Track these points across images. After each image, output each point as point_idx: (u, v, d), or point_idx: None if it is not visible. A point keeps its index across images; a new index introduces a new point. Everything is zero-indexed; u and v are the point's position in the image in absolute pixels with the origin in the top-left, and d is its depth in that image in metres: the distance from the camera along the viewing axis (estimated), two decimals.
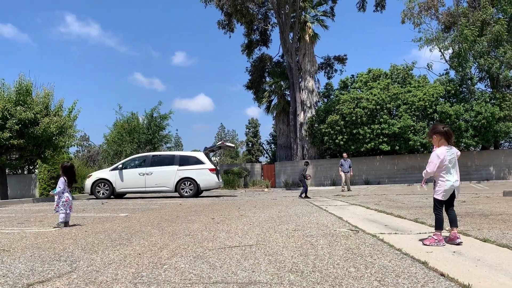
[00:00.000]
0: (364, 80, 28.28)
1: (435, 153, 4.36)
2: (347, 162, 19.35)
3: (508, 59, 24.24)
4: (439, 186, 4.35)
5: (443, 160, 4.28)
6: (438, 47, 27.41)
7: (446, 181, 4.29)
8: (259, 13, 33.32)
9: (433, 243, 4.17)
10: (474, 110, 24.05)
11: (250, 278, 3.00)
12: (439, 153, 4.32)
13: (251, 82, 34.92)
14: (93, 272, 3.36)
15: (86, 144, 48.96)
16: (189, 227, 6.16)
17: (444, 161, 4.28)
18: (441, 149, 4.35)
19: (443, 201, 4.34)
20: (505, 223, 5.66)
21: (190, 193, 15.72)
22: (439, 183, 4.34)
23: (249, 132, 54.55)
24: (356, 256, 3.69)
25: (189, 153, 17.49)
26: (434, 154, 4.36)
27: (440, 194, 4.31)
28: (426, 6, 28.78)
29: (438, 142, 4.41)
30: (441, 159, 4.27)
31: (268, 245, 4.40)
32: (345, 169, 19.23)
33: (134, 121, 27.04)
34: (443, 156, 4.28)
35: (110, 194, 16.06)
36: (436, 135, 4.41)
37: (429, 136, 4.55)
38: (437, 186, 4.38)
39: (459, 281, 2.73)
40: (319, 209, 8.74)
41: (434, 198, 4.39)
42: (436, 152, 4.35)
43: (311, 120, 28.34)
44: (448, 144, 4.38)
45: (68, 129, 16.69)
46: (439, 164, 4.28)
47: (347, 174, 19.29)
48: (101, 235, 5.53)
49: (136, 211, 9.40)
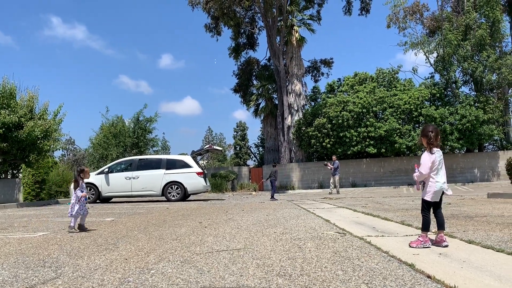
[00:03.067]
0: (351, 84, 28.51)
1: (425, 154, 4.35)
2: (335, 165, 19.48)
3: (491, 63, 24.67)
4: (429, 187, 4.34)
5: (434, 161, 4.30)
6: (423, 51, 27.78)
7: (436, 182, 4.31)
8: (246, 16, 33.38)
9: (420, 245, 4.20)
10: (459, 113, 24.40)
11: (238, 283, 2.98)
12: (428, 154, 4.34)
13: (238, 85, 34.93)
14: (79, 278, 3.31)
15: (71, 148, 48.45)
16: (176, 231, 6.11)
17: (435, 162, 4.31)
18: (433, 150, 4.37)
19: (432, 203, 4.36)
20: (489, 224, 5.74)
21: (177, 197, 15.62)
22: (429, 184, 4.33)
23: (237, 135, 54.48)
24: (343, 259, 3.70)
25: (176, 157, 17.39)
26: (424, 155, 4.35)
27: (430, 195, 4.32)
28: (411, 10, 29.15)
29: (425, 144, 4.43)
30: (433, 160, 4.30)
31: (256, 248, 4.38)
32: (333, 172, 19.40)
33: (120, 124, 26.80)
34: (434, 157, 4.31)
35: (96, 199, 15.88)
36: (424, 138, 4.42)
37: (419, 136, 4.54)
38: (426, 187, 4.37)
39: (446, 283, 2.76)
40: (307, 212, 8.76)
41: (423, 199, 4.39)
42: (427, 153, 4.36)
43: (299, 123, 28.44)
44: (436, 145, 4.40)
45: (53, 133, 16.46)
46: (431, 165, 4.30)
47: (335, 177, 19.43)
48: (87, 240, 5.46)
49: (123, 216, 9.30)
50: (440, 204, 4.45)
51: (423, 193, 4.42)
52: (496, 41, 26.54)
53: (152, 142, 27.97)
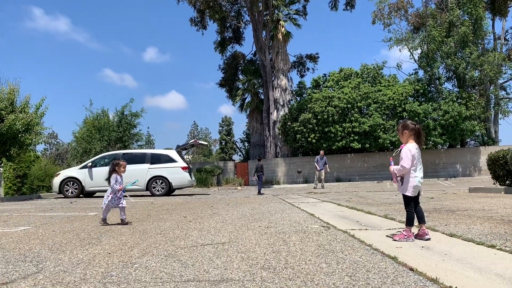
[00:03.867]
0: (336, 79, 28.65)
1: (407, 149, 4.35)
2: (323, 160, 19.59)
3: (474, 59, 25.04)
4: (409, 182, 4.33)
5: (414, 155, 4.33)
6: (407, 47, 28.06)
7: (414, 177, 4.32)
8: (232, 10, 33.22)
9: (403, 238, 4.24)
10: (442, 109, 24.74)
11: (223, 276, 2.98)
12: (411, 148, 4.34)
13: (224, 79, 34.80)
14: (61, 272, 3.27)
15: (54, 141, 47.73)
16: (160, 225, 6.08)
17: (414, 157, 4.33)
18: (411, 145, 4.38)
19: (413, 198, 4.38)
20: (470, 218, 5.84)
21: (162, 192, 15.53)
22: (410, 179, 4.32)
23: (223, 130, 54.37)
24: (327, 252, 3.72)
25: (161, 151, 17.25)
26: (406, 150, 4.34)
27: (410, 190, 4.32)
28: (396, 7, 29.38)
29: (407, 139, 4.44)
30: (413, 154, 4.32)
31: (240, 242, 4.38)
32: (320, 166, 19.49)
33: (104, 118, 26.47)
34: (414, 152, 4.33)
35: (79, 193, 15.70)
36: (407, 131, 4.44)
37: (399, 131, 4.51)
38: (405, 183, 4.35)
39: (427, 275, 2.79)
40: (292, 206, 8.79)
41: (404, 195, 4.38)
42: (408, 147, 4.35)
43: (284, 118, 28.50)
44: (416, 142, 4.42)
45: (35, 126, 16.18)
46: (412, 158, 4.33)
47: (322, 171, 19.55)
48: (69, 234, 5.39)
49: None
50: (418, 199, 4.47)
51: (402, 189, 4.39)
52: (479, 38, 26.94)
53: (137, 136, 27.70)
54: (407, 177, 4.35)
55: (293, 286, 2.67)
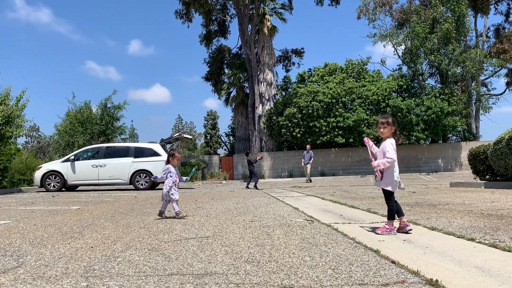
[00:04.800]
0: (321, 74, 28.76)
1: (389, 143, 4.37)
2: (309, 154, 19.72)
3: (456, 56, 25.40)
4: (389, 178, 4.37)
5: (395, 149, 4.38)
6: (392, 43, 28.30)
7: (394, 172, 4.38)
8: (218, 3, 33.02)
9: (385, 232, 4.29)
10: (425, 105, 25.06)
11: (206, 269, 2.98)
12: (393, 142, 4.39)
13: (209, 73, 34.62)
14: (42, 266, 3.22)
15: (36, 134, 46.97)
16: (144, 219, 6.04)
17: (396, 151, 4.39)
18: (392, 140, 4.44)
19: (393, 192, 4.43)
20: (451, 212, 5.94)
21: (146, 186, 15.43)
22: (392, 174, 4.36)
23: (208, 124, 54.19)
24: (311, 246, 3.74)
25: (145, 145, 17.12)
26: (389, 143, 4.36)
27: (392, 185, 4.38)
28: (380, 2, 29.56)
29: (388, 134, 4.46)
30: (395, 149, 4.38)
31: (225, 236, 4.38)
32: (305, 161, 19.65)
33: (87, 111, 26.12)
34: (395, 146, 4.39)
35: (62, 187, 15.50)
36: (390, 126, 4.47)
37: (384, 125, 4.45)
38: (387, 177, 4.38)
39: (409, 268, 2.83)
40: (276, 200, 8.82)
41: (386, 190, 4.40)
42: (390, 141, 4.39)
43: (269, 113, 28.53)
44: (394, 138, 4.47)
45: (16, 119, 15.87)
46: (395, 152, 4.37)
47: (307, 166, 19.71)
48: (51, 228, 5.31)
49: (89, 204, 9.12)
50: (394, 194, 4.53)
51: (383, 184, 4.41)
52: (461, 35, 27.33)
53: (120, 129, 27.42)
54: (389, 172, 4.40)
55: (276, 279, 2.68)
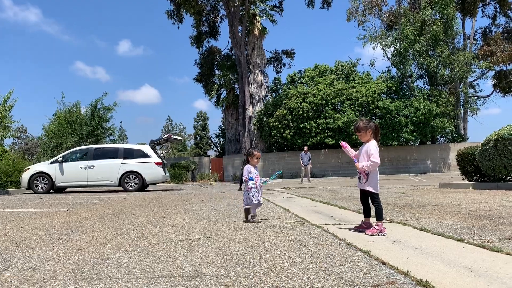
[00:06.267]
0: (311, 76, 28.87)
1: (372, 145, 4.43)
2: (307, 155, 19.79)
3: (445, 58, 25.66)
4: (373, 180, 4.43)
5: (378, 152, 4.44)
6: (381, 45, 28.51)
7: (377, 174, 4.47)
8: (208, 4, 32.98)
9: (375, 233, 4.31)
10: (413, 106, 25.27)
11: (197, 271, 2.96)
12: (376, 145, 4.46)
13: (200, 74, 34.55)
14: (29, 269, 3.17)
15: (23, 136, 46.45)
16: (133, 221, 5.99)
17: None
18: (375, 142, 4.49)
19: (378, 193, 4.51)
20: (440, 213, 5.98)
21: (135, 187, 15.33)
22: (373, 176, 4.44)
23: (198, 125, 54.01)
24: (301, 247, 3.74)
25: (134, 146, 17.02)
26: (372, 146, 4.42)
27: (376, 187, 4.46)
28: (370, 4, 29.78)
29: (366, 138, 4.51)
30: (378, 151, 4.43)
31: (215, 238, 4.36)
32: (304, 162, 19.70)
33: (76, 112, 25.90)
34: (378, 149, 4.46)
35: (50, 188, 15.33)
36: (370, 130, 4.50)
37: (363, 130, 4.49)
38: (372, 179, 4.44)
39: (399, 269, 2.84)
40: (267, 202, 8.82)
41: (371, 192, 4.45)
42: (374, 144, 4.45)
43: (260, 114, 28.54)
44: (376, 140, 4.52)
45: (3, 120, 15.70)
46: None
47: (307, 167, 19.77)
48: (38, 230, 5.24)
49: (77, 206, 9.02)
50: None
51: (369, 186, 4.45)
52: (450, 37, 27.62)
53: (109, 131, 27.24)
54: (374, 173, 4.46)
55: (267, 280, 2.67)
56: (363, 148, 4.57)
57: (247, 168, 5.70)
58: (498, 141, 10.02)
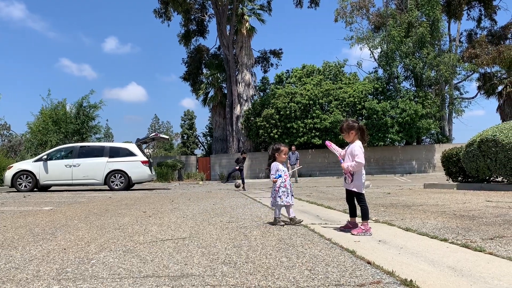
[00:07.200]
0: (299, 76, 28.96)
1: (357, 146, 4.45)
2: (294, 155, 19.79)
3: (431, 60, 25.97)
4: (359, 180, 4.46)
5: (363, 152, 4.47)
6: (368, 46, 28.74)
7: (363, 174, 4.49)
8: (196, 2, 32.83)
9: (361, 232, 4.34)
10: (400, 107, 25.51)
11: (183, 271, 2.94)
12: (361, 145, 4.48)
13: (188, 73, 34.40)
14: (12, 269, 3.12)
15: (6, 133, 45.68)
16: (119, 220, 5.94)
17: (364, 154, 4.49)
18: (359, 142, 4.51)
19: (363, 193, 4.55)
20: (425, 213, 6.05)
21: (121, 186, 15.19)
22: (361, 177, 4.47)
23: (185, 124, 53.77)
24: (288, 246, 3.75)
25: (120, 145, 16.86)
26: (357, 147, 4.44)
27: (362, 187, 4.49)
28: (358, 5, 29.98)
29: (353, 137, 4.54)
30: (363, 152, 4.46)
31: (201, 237, 4.35)
32: (291, 162, 19.68)
33: (62, 110, 25.56)
34: (363, 149, 4.49)
35: (34, 187, 15.10)
36: (353, 131, 4.52)
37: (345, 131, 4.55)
38: (357, 180, 4.47)
39: (384, 268, 2.87)
40: (253, 201, 8.82)
41: (357, 192, 4.48)
42: (358, 144, 4.48)
43: (247, 113, 28.53)
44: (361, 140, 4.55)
45: None
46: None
47: (294, 166, 19.77)
48: (22, 230, 5.17)
49: (62, 205, 8.91)
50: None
51: (354, 187, 4.49)
52: (436, 39, 27.96)
53: (95, 129, 26.95)
54: (359, 174, 4.48)
55: (253, 280, 2.67)
56: (348, 148, 4.60)
57: (275, 166, 5.18)
58: (482, 142, 10.18)
